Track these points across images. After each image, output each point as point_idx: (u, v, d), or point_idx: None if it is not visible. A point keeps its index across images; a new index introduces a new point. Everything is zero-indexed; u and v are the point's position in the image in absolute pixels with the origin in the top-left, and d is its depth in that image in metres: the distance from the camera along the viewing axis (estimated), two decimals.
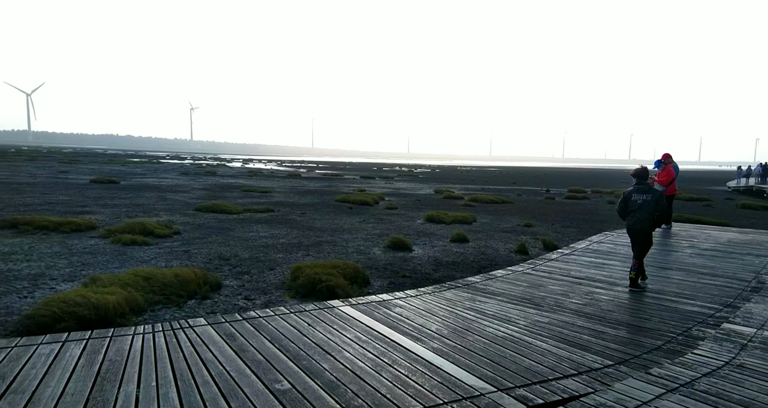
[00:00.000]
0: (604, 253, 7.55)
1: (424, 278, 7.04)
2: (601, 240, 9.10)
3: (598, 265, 6.63)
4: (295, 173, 42.95)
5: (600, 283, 5.61)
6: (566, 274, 5.98)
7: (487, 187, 32.98)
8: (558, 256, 7.36)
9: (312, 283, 5.75)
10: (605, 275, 6.01)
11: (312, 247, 8.88)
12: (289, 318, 3.79)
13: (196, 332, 3.34)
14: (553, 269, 6.30)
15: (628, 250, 7.97)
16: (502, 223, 14.15)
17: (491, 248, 9.92)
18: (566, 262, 6.80)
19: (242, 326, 3.49)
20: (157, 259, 7.15)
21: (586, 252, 7.63)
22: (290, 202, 17.21)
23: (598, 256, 7.35)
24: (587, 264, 6.62)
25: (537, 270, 6.24)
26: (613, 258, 7.21)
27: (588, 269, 6.33)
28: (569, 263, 6.68)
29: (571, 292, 5.17)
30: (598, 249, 8.02)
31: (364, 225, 12.39)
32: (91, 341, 3.27)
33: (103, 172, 30.94)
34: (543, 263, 6.71)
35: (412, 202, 19.86)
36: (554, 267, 6.44)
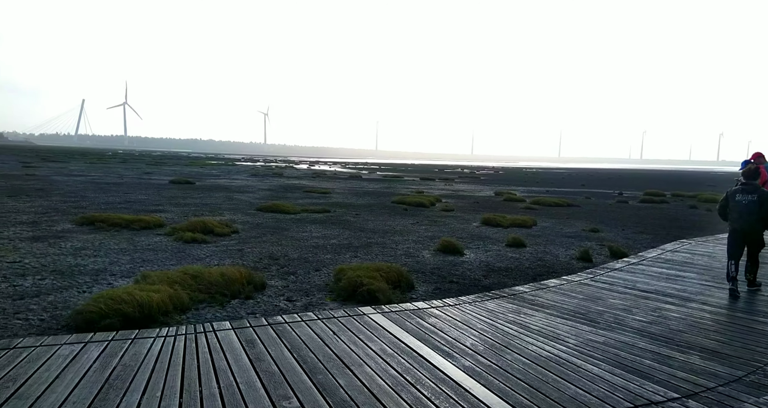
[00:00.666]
0: (678, 264, 6.73)
1: (472, 285, 6.69)
2: (677, 248, 8.18)
3: (670, 277, 5.90)
4: (356, 175, 43.55)
5: (670, 298, 4.97)
6: (631, 287, 5.37)
7: (552, 190, 31.39)
8: (623, 265, 6.67)
9: (353, 286, 5.63)
10: (678, 289, 5.32)
11: (361, 249, 8.79)
12: (315, 325, 3.65)
13: (218, 337, 3.30)
14: (616, 280, 5.69)
15: (708, 261, 7.07)
16: (565, 227, 13.28)
17: (550, 254, 9.28)
18: (632, 272, 6.13)
19: (265, 332, 3.40)
20: (211, 257, 7.39)
21: (657, 261, 6.85)
22: (347, 203, 17.34)
23: (671, 266, 6.56)
24: (657, 275, 5.92)
25: (597, 280, 5.67)
26: (688, 269, 6.41)
27: (657, 281, 5.65)
28: (636, 274, 6.01)
29: (634, 308, 4.61)
30: (671, 258, 7.19)
31: (416, 227, 12.14)
32: (113, 343, 3.26)
33: (182, 173, 33.16)
34: (605, 273, 6.09)
35: (470, 204, 19.28)
36: (617, 278, 5.82)
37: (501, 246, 9.94)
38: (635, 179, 54.59)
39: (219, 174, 35.22)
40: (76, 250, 7.36)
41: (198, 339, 3.23)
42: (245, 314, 4.81)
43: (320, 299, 5.56)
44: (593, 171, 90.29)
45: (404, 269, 6.64)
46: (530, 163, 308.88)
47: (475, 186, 32.99)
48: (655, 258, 7.27)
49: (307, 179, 32.71)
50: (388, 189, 25.98)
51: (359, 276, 5.83)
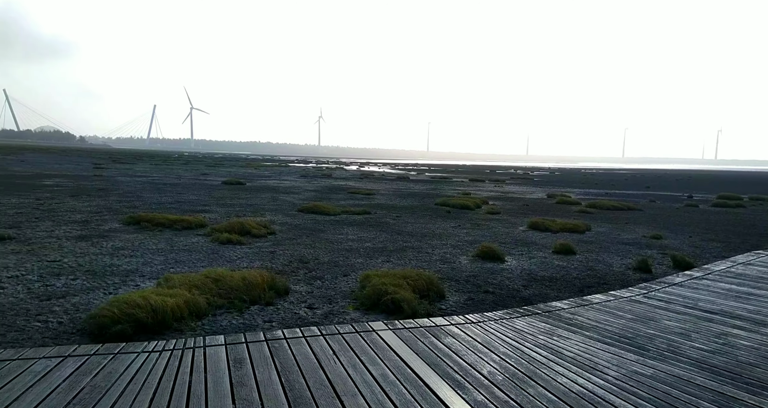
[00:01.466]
0: (751, 279, 5.82)
1: (509, 295, 6.16)
2: (751, 261, 7.16)
3: (741, 295, 5.08)
4: (404, 176, 43.22)
5: (740, 322, 4.22)
6: (692, 306, 4.65)
7: (612, 193, 29.47)
8: (685, 279, 5.86)
9: (377, 294, 5.32)
10: (749, 310, 4.53)
11: (395, 253, 8.45)
12: (316, 342, 3.32)
13: (206, 354, 3.02)
14: (674, 297, 4.96)
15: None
16: (624, 233, 12.23)
17: (603, 263, 8.49)
18: (695, 288, 5.35)
19: (258, 350, 3.10)
20: (242, 260, 7.34)
21: (726, 276, 5.97)
22: (389, 205, 17.06)
23: (743, 282, 5.68)
24: (724, 293, 5.11)
25: (651, 297, 4.97)
26: (764, 286, 5.50)
27: (725, 300, 4.86)
28: (699, 290, 5.24)
29: (693, 332, 3.93)
30: (743, 272, 6.25)
31: (457, 230, 11.62)
32: (92, 359, 3.01)
33: (236, 174, 34.36)
34: (662, 288, 5.36)
35: (519, 206, 18.37)
36: (676, 294, 5.08)
37: (547, 253, 9.24)
38: (708, 181, 50.38)
39: (270, 175, 36.15)
40: (115, 249, 7.55)
41: (183, 356, 2.99)
42: (261, 322, 4.63)
43: (342, 307, 5.29)
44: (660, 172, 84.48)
45: (435, 277, 6.23)
46: (590, 163, 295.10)
47: (526, 188, 31.65)
48: (724, 271, 6.36)
49: (354, 180, 32.80)
50: (433, 190, 25.45)
51: (384, 283, 5.51)
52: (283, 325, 4.57)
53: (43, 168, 30.58)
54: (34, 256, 6.83)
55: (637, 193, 29.13)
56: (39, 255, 6.91)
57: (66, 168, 32.05)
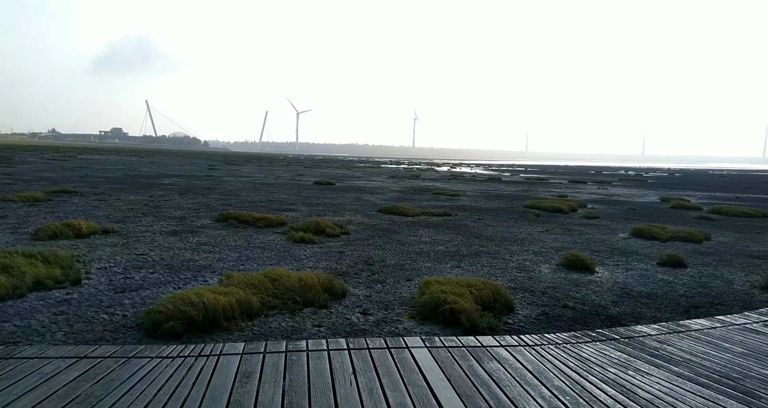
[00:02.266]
0: None
1: (593, 313, 5.37)
2: None
3: None
4: (496, 177, 41.51)
5: None
6: None
7: (744, 197, 25.37)
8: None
9: (435, 303, 4.92)
10: None
11: (467, 258, 7.90)
12: (338, 358, 2.98)
13: (217, 364, 2.84)
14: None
15: None
16: (753, 244, 10.28)
17: (720, 279, 7.13)
18: None
19: (273, 363, 2.84)
20: (310, 259, 7.36)
21: None
22: (473, 206, 16.31)
23: None
24: None
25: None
26: None
27: None
28: None
29: None
30: None
31: (543, 236, 10.64)
32: (104, 362, 2.94)
33: (330, 175, 35.69)
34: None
35: (623, 211, 16.46)
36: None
37: (650, 264, 8.02)
38: None
39: (361, 176, 36.95)
40: (198, 245, 8.02)
41: (194, 365, 2.83)
42: (310, 326, 4.50)
43: (398, 315, 4.98)
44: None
45: (503, 287, 5.63)
46: (719, 163, 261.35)
47: (636, 190, 28.48)
48: None
49: (442, 181, 32.19)
50: (525, 192, 23.95)
51: (444, 292, 5.08)
52: (331, 331, 4.38)
53: (166, 169, 34.56)
54: (126, 249, 7.49)
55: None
56: (131, 248, 7.56)
57: (185, 169, 35.87)
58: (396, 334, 4.36)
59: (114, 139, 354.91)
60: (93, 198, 13.89)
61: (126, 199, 14.04)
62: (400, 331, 4.46)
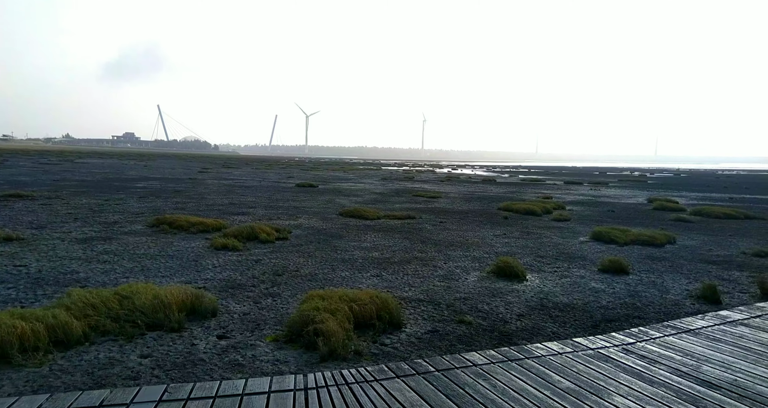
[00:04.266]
0: None
1: (489, 329, 4.87)
2: None
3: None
4: (491, 178, 40.82)
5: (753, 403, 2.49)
6: (687, 369, 2.95)
7: (738, 197, 24.50)
8: (712, 323, 3.92)
9: (303, 323, 4.36)
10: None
11: (395, 266, 7.41)
12: None
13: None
14: (666, 352, 3.24)
15: None
16: (718, 248, 9.65)
17: (657, 287, 6.59)
18: (713, 339, 3.52)
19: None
20: (216, 269, 6.81)
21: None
22: (445, 209, 15.79)
23: None
24: (743, 352, 3.19)
25: (630, 350, 3.29)
26: None
27: (754, 364, 3.02)
28: (717, 343, 3.42)
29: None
30: None
31: (497, 240, 10.10)
32: None
33: (321, 177, 35.28)
34: (660, 337, 3.62)
35: (601, 213, 15.82)
36: (673, 347, 3.32)
37: (592, 271, 7.49)
38: None
39: (352, 178, 36.53)
40: (99, 254, 7.39)
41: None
42: (135, 358, 3.80)
43: (261, 337, 4.39)
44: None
45: (394, 301, 5.08)
46: (735, 164, 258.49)
47: (630, 191, 27.67)
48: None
49: (433, 183, 31.64)
50: (512, 194, 23.33)
51: (318, 308, 4.56)
52: (157, 363, 3.74)
53: (153, 172, 34.44)
54: (10, 259, 6.74)
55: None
56: (17, 258, 6.78)
57: (174, 172, 35.73)
58: (234, 363, 3.78)
59: (126, 143, 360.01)
60: (39, 203, 13.56)
61: (75, 204, 13.73)
62: (245, 359, 3.88)
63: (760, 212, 16.45)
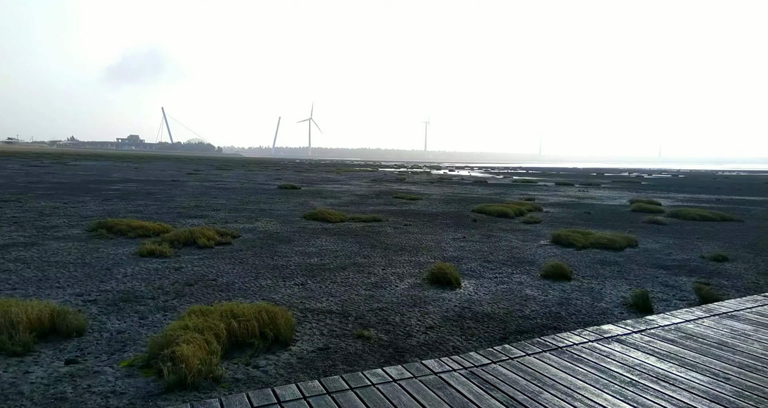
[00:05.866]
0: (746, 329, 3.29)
1: (387, 344, 4.54)
2: None
3: (651, 372, 2.74)
4: (483, 180, 40.37)
5: None
6: (530, 395, 2.56)
7: (726, 199, 24.03)
8: (634, 329, 3.53)
9: (162, 345, 3.87)
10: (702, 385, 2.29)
11: (326, 273, 7.06)
12: None
13: None
14: (531, 371, 2.86)
15: None
16: (679, 252, 9.26)
17: (592, 294, 6.24)
18: (595, 353, 3.15)
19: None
20: (125, 279, 6.34)
21: (727, 320, 3.50)
22: (418, 211, 15.42)
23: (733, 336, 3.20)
24: (663, 356, 2.79)
25: (484, 372, 2.90)
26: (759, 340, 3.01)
27: (610, 387, 2.63)
28: (586, 359, 3.05)
29: None
30: (754, 318, 3.67)
31: (453, 243, 9.75)
32: None
33: (309, 179, 34.99)
34: (529, 354, 3.24)
35: (575, 215, 15.41)
36: (542, 365, 2.94)
37: (533, 277, 7.12)
38: None
39: (342, 179, 36.20)
40: (6, 261, 6.99)
41: None
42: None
43: (112, 363, 3.86)
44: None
45: (287, 316, 4.67)
46: (739, 165, 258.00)
47: (618, 192, 27.20)
48: (730, 314, 3.81)
49: (422, 185, 31.26)
50: (495, 195, 22.92)
51: (186, 327, 4.14)
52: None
53: (138, 174, 34.17)
54: None
55: (762, 200, 23.24)
56: None
57: (162, 174, 35.49)
58: (57, 398, 3.28)
59: (131, 146, 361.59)
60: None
61: (29, 207, 13.43)
62: (75, 391, 3.38)
63: (740, 214, 15.98)
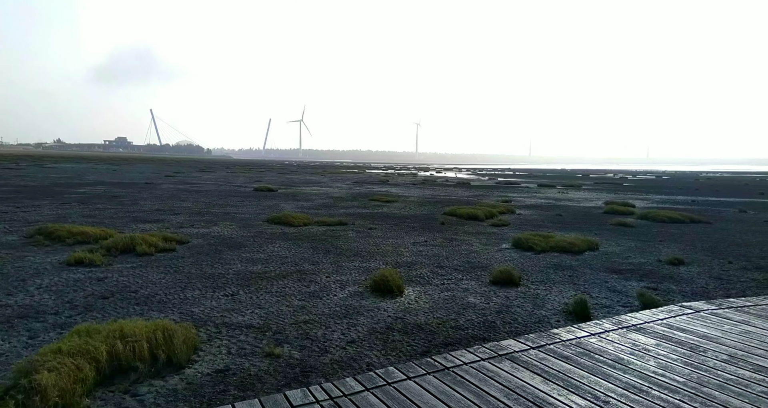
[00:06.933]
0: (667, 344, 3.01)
1: (297, 363, 4.22)
2: (687, 315, 4.13)
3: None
4: (466, 182, 40.24)
5: None
6: (488, 398, 2.25)
7: (702, 200, 24.11)
8: (473, 359, 3.20)
9: (24, 372, 3.44)
10: None
11: (264, 282, 6.72)
12: None
13: None
14: (406, 398, 2.56)
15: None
16: (638, 255, 9.07)
17: (535, 301, 6.01)
18: (545, 359, 2.86)
19: None
20: (35, 292, 5.87)
21: (633, 334, 3.22)
22: (388, 214, 15.11)
23: (637, 351, 2.92)
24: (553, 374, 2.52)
25: (392, 390, 2.62)
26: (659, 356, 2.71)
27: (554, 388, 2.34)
28: (465, 381, 2.76)
29: None
30: (669, 334, 3.41)
31: (412, 248, 9.46)
32: None
33: (289, 181, 34.50)
34: (417, 375, 2.95)
35: (547, 217, 15.22)
36: (418, 392, 2.65)
37: (482, 283, 6.87)
38: None
39: (324, 181, 35.83)
40: None
41: None
42: None
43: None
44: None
45: (186, 334, 4.26)
46: (724, 166, 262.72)
47: (597, 194, 27.17)
48: (642, 326, 3.54)
49: (402, 187, 30.96)
50: (474, 197, 22.68)
51: (59, 351, 3.73)
52: None
53: (113, 177, 33.37)
54: None
55: (737, 202, 23.31)
56: None
57: (138, 177, 34.80)
58: None
59: (118, 148, 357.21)
60: None
61: None
62: None
63: (710, 215, 15.92)
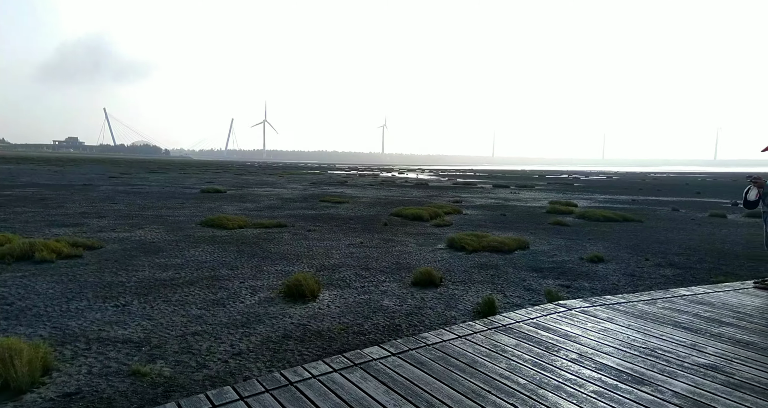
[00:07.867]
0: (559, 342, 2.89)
1: (163, 382, 3.82)
2: (558, 314, 4.09)
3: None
4: (424, 182, 40.45)
5: None
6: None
7: (642, 199, 25.17)
8: (325, 370, 3.02)
9: None
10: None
11: (168, 289, 6.29)
12: None
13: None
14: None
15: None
16: (564, 253, 9.18)
17: (449, 303, 5.89)
18: (400, 367, 2.66)
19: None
20: None
21: (500, 334, 3.10)
22: (334, 215, 14.81)
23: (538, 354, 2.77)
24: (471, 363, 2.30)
25: None
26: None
27: None
28: (387, 374, 2.57)
29: None
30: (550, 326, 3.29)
31: (343, 250, 9.21)
32: None
33: (243, 182, 33.55)
34: (276, 388, 2.71)
35: (491, 217, 15.35)
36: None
37: (403, 284, 6.73)
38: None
39: (279, 182, 35.09)
40: None
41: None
42: None
43: None
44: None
45: (43, 352, 3.77)
46: (675, 167, 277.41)
47: (546, 194, 27.83)
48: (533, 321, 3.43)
49: (358, 188, 30.70)
50: (426, 198, 22.68)
51: None
52: None
53: (54, 178, 31.58)
54: None
55: (673, 201, 24.41)
56: None
57: (79, 178, 32.94)
58: None
59: (69, 148, 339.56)
60: None
61: None
62: None
63: (644, 214, 16.53)
